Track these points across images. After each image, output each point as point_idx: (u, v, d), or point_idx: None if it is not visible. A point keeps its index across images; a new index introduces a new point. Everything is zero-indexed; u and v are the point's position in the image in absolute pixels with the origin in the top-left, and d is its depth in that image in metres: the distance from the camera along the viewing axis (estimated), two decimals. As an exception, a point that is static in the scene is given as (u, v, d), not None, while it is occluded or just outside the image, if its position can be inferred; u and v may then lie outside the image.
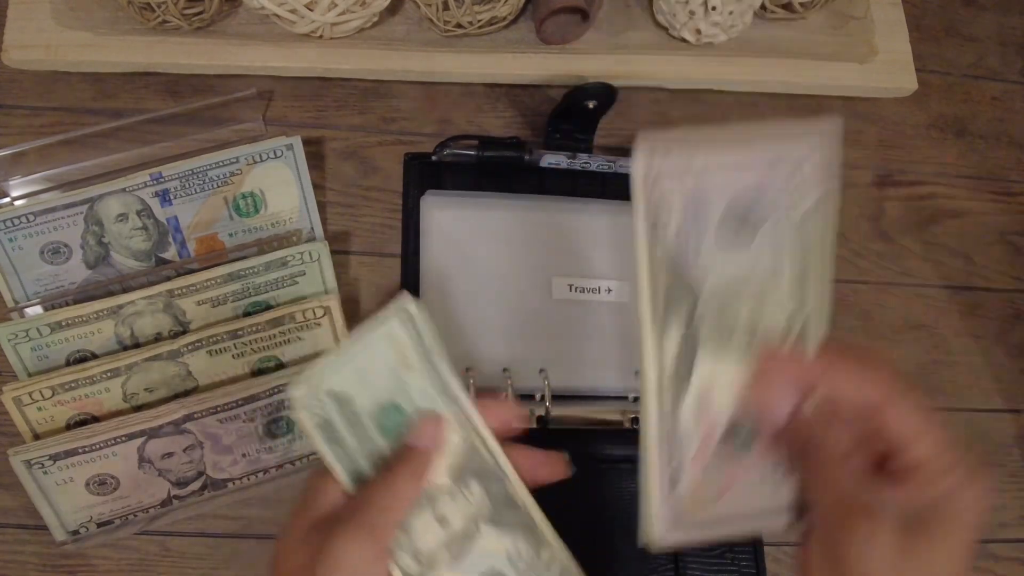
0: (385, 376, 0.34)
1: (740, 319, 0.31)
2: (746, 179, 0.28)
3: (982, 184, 0.62)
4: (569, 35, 0.57)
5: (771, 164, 0.28)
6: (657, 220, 0.28)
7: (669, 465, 0.33)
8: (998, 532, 0.54)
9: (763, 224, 0.29)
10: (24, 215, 0.46)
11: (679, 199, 0.28)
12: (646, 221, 0.28)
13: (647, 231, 0.29)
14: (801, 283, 0.30)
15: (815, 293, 0.30)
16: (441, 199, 0.52)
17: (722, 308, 0.31)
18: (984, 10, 0.67)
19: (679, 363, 0.32)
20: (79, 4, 0.54)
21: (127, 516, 0.46)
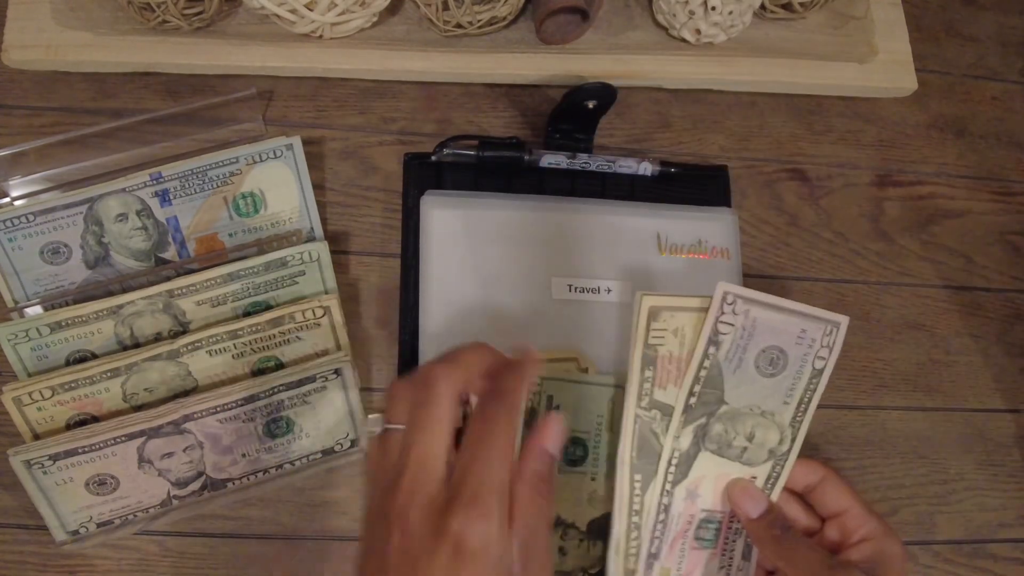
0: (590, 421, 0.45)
1: (744, 430, 0.40)
2: (778, 340, 0.39)
3: (982, 184, 0.62)
4: (569, 35, 0.57)
5: (798, 338, 0.39)
6: (716, 340, 0.38)
7: (651, 541, 0.40)
8: (998, 532, 0.54)
9: (783, 371, 0.39)
10: (24, 215, 0.46)
11: (733, 335, 0.38)
12: (707, 341, 0.38)
13: (704, 349, 0.38)
14: (795, 420, 0.41)
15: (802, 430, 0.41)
16: (441, 199, 0.52)
17: (734, 418, 0.40)
18: (984, 10, 0.67)
19: (687, 452, 0.40)
20: (79, 4, 0.54)
21: (127, 516, 0.46)
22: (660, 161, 0.55)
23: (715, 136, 0.59)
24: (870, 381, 0.56)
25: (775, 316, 0.39)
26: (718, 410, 0.40)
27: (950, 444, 0.56)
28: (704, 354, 0.39)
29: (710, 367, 0.39)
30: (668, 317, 0.38)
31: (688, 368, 0.39)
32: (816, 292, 0.57)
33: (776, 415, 0.40)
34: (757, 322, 0.39)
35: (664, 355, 0.39)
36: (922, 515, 0.54)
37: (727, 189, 0.57)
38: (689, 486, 0.40)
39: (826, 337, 0.40)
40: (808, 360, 0.39)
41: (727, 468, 0.40)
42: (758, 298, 0.39)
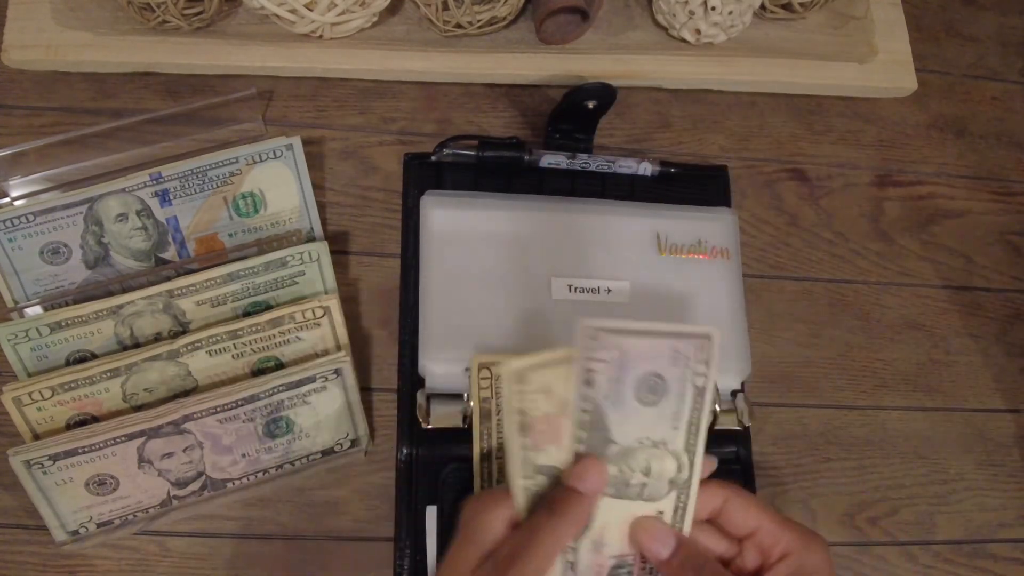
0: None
1: (639, 466, 0.38)
2: (654, 366, 0.37)
3: (982, 184, 0.62)
4: (569, 35, 0.57)
5: (672, 359, 0.37)
6: (588, 379, 0.36)
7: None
8: (998, 532, 0.54)
9: (665, 397, 0.37)
10: (24, 215, 0.46)
11: (606, 370, 0.36)
12: (581, 384, 0.36)
13: (580, 392, 0.36)
14: (688, 445, 0.38)
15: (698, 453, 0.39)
16: (441, 199, 0.52)
17: (626, 455, 0.38)
18: (984, 10, 0.67)
19: None
20: (79, 4, 0.54)
21: (127, 516, 0.46)
22: (660, 161, 0.55)
23: (715, 136, 0.59)
24: (870, 381, 0.56)
25: (644, 342, 0.37)
26: (607, 451, 0.37)
27: (950, 444, 0.56)
28: (581, 397, 0.36)
29: (589, 410, 0.37)
30: (533, 377, 0.36)
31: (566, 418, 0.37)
32: (816, 292, 0.57)
33: (668, 443, 0.38)
34: (628, 352, 0.36)
35: (537, 417, 0.36)
36: (922, 515, 0.54)
37: (727, 189, 0.57)
38: (594, 537, 0.38)
39: (700, 352, 0.37)
40: (687, 380, 0.37)
41: (631, 508, 0.38)
42: (624, 327, 0.36)
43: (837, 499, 0.53)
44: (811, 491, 0.53)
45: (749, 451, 0.52)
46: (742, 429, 0.51)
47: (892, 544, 0.53)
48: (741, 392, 0.51)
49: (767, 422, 0.54)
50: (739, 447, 0.51)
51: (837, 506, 0.53)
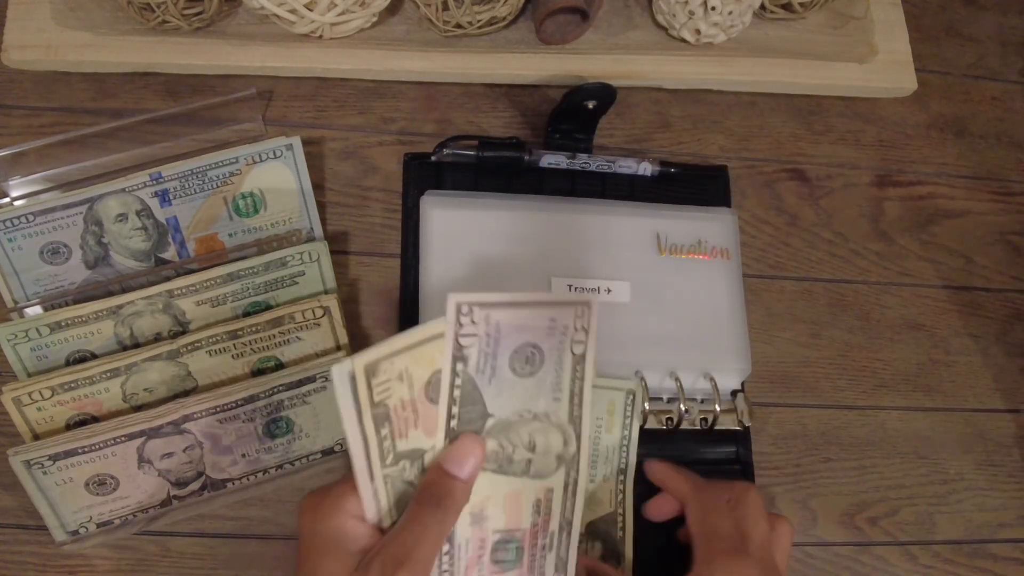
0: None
1: (521, 440, 0.37)
2: (528, 336, 0.36)
3: (982, 184, 0.62)
4: (569, 35, 0.57)
5: (548, 330, 0.36)
6: (461, 356, 0.35)
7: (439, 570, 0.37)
8: (998, 532, 0.54)
9: (542, 368, 0.36)
10: (24, 215, 0.46)
11: (478, 343, 0.35)
12: (452, 359, 0.35)
13: (451, 367, 0.35)
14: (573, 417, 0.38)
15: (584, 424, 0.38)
16: (441, 199, 0.52)
17: (506, 429, 0.37)
18: (984, 10, 0.67)
19: None
20: (79, 4, 0.54)
21: (127, 516, 0.46)
22: (660, 161, 0.55)
23: (715, 136, 0.59)
24: (870, 381, 0.56)
25: (519, 313, 0.35)
26: (485, 425, 0.36)
27: (950, 444, 0.56)
28: (453, 372, 0.35)
29: (462, 384, 0.36)
30: (388, 366, 0.34)
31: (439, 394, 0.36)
32: (816, 292, 0.57)
33: (551, 415, 0.37)
34: (501, 324, 0.35)
35: (395, 405, 0.35)
36: (922, 515, 0.54)
37: (727, 189, 0.57)
38: (472, 510, 0.37)
39: (578, 320, 0.36)
40: (565, 347, 0.36)
41: (516, 485, 0.38)
42: (496, 299, 0.35)
43: (837, 499, 0.53)
44: (811, 491, 0.53)
45: (749, 451, 0.52)
46: (742, 429, 0.51)
47: (892, 544, 0.53)
48: (741, 392, 0.52)
49: (767, 422, 0.54)
50: (739, 447, 0.51)
51: (837, 506, 0.53)
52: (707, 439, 0.50)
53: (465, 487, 0.35)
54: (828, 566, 0.52)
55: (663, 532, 0.46)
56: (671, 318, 0.51)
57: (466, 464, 0.35)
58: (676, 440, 0.49)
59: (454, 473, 0.35)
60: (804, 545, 0.52)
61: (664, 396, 0.50)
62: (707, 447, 0.50)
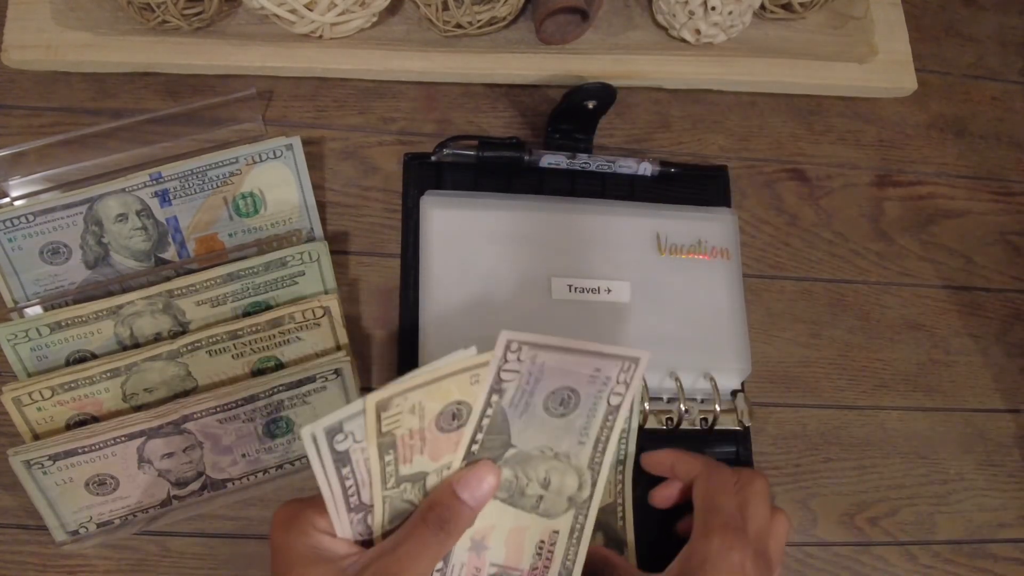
0: None
1: (537, 476, 0.37)
2: (569, 381, 0.36)
3: (982, 184, 0.62)
4: (569, 35, 0.57)
5: (590, 378, 0.36)
6: (498, 389, 0.35)
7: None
8: (998, 532, 0.54)
9: (575, 410, 0.36)
10: (24, 215, 0.46)
11: (518, 379, 0.35)
12: (489, 391, 0.35)
13: (486, 398, 0.35)
14: (593, 463, 0.38)
15: (603, 473, 0.38)
16: (441, 199, 0.52)
17: (524, 462, 0.37)
18: (984, 10, 0.67)
19: None
20: (79, 4, 0.54)
21: (127, 516, 0.46)
22: (660, 161, 0.55)
23: (715, 136, 0.59)
24: (870, 381, 0.56)
25: (565, 358, 0.35)
26: (504, 454, 0.36)
27: (950, 444, 0.56)
28: (487, 402, 0.35)
29: (493, 415, 0.36)
30: (400, 401, 0.34)
31: (468, 419, 0.36)
32: (816, 292, 0.57)
33: (572, 457, 0.37)
34: (545, 366, 0.35)
35: (403, 434, 0.35)
36: (922, 515, 0.54)
37: (727, 189, 0.57)
38: (474, 535, 0.37)
39: (623, 374, 0.36)
40: (602, 396, 0.36)
41: (523, 521, 0.37)
42: (546, 342, 0.35)
43: (837, 499, 0.53)
44: (811, 491, 0.53)
45: (749, 451, 0.52)
46: (742, 429, 0.51)
47: (892, 544, 0.53)
48: (741, 392, 0.52)
49: (767, 422, 0.54)
50: (739, 447, 0.51)
51: (837, 506, 0.53)
52: (707, 439, 0.50)
53: (472, 513, 0.35)
54: (828, 566, 0.52)
55: (661, 522, 0.47)
56: (671, 318, 0.51)
57: (478, 490, 0.35)
58: (676, 440, 0.49)
59: (463, 497, 0.35)
60: (804, 545, 0.52)
61: (664, 396, 0.50)
62: (707, 447, 0.50)
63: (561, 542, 0.38)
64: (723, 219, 0.54)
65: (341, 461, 0.34)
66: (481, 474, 0.35)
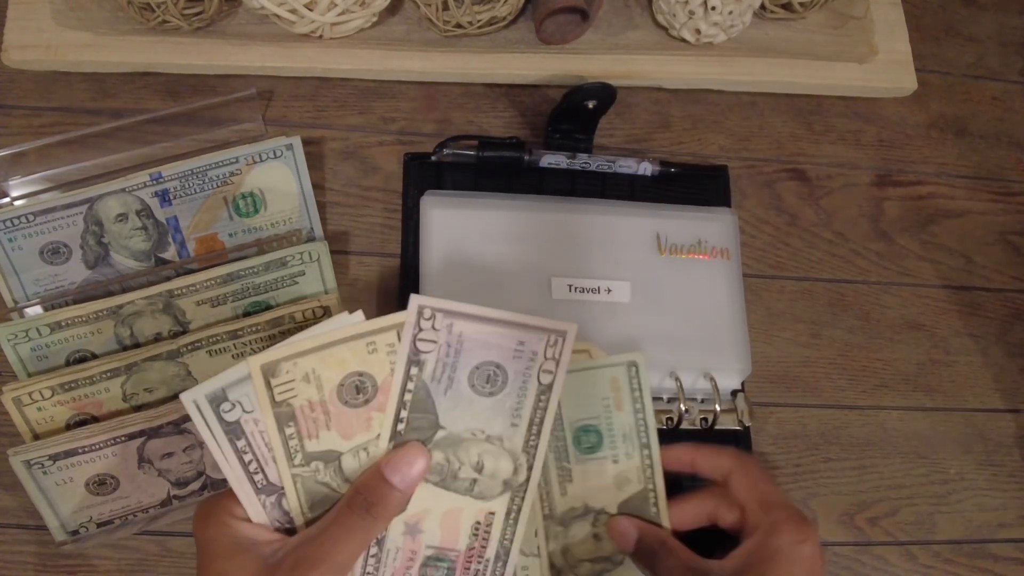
0: (598, 401, 0.39)
1: (469, 459, 0.36)
2: (493, 355, 0.35)
3: (982, 184, 0.62)
4: (569, 35, 0.57)
5: (515, 353, 0.35)
6: (417, 360, 0.33)
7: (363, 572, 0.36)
8: (998, 532, 0.54)
9: (504, 389, 0.35)
10: (24, 215, 0.46)
11: (437, 350, 0.34)
12: (407, 362, 0.33)
13: (404, 370, 0.34)
14: (528, 446, 0.36)
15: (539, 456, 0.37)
16: (441, 199, 0.52)
17: (455, 444, 0.36)
18: (984, 10, 0.67)
19: None
20: (79, 4, 0.54)
21: (127, 516, 0.46)
22: (660, 161, 0.55)
23: (715, 136, 0.59)
24: (870, 381, 0.56)
25: (485, 328, 0.34)
26: (434, 436, 0.35)
27: (950, 444, 0.56)
28: (406, 375, 0.34)
29: (415, 389, 0.35)
30: (290, 367, 0.33)
31: (387, 394, 0.35)
32: (816, 292, 0.57)
33: (505, 440, 0.36)
34: (464, 336, 0.34)
35: (301, 406, 0.34)
36: (922, 515, 0.54)
37: (727, 189, 0.57)
38: (408, 520, 0.36)
39: (550, 348, 0.35)
40: (531, 374, 0.35)
41: (457, 503, 0.36)
42: (461, 310, 0.34)
43: (837, 499, 0.53)
44: (811, 491, 0.53)
45: (749, 451, 0.52)
46: (742, 429, 0.51)
47: (892, 544, 0.53)
48: (741, 392, 0.52)
49: (767, 422, 0.54)
50: (739, 447, 0.51)
51: (837, 506, 0.53)
52: (707, 439, 0.50)
53: (401, 497, 0.34)
54: (828, 566, 0.52)
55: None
56: (671, 318, 0.51)
57: (407, 473, 0.34)
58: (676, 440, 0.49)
59: (392, 481, 0.34)
60: (804, 545, 0.52)
61: (664, 396, 0.50)
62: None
63: (498, 522, 0.37)
64: (723, 219, 0.54)
65: (233, 433, 0.33)
66: (411, 456, 0.34)
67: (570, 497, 0.40)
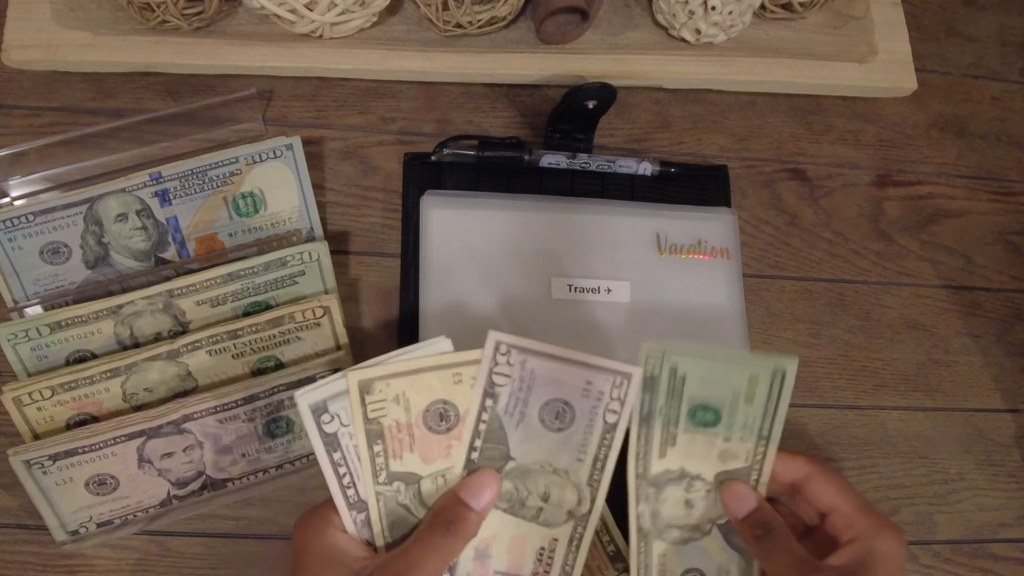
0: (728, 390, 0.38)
1: (537, 489, 0.37)
2: (562, 393, 0.36)
3: (982, 184, 0.62)
4: (569, 35, 0.57)
5: (583, 392, 0.36)
6: (492, 393, 0.36)
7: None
8: (998, 532, 0.54)
9: (571, 425, 0.36)
10: (24, 215, 0.46)
11: (511, 385, 0.36)
12: (483, 393, 0.36)
13: (480, 401, 0.36)
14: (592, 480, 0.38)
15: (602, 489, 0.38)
16: (441, 199, 0.52)
17: (524, 475, 0.37)
18: (984, 10, 0.67)
19: None
20: (79, 4, 0.54)
21: (127, 516, 0.46)
22: (660, 161, 0.55)
23: (715, 136, 0.59)
24: (870, 381, 0.56)
25: (555, 367, 0.36)
26: (505, 466, 0.37)
27: (950, 444, 0.56)
28: (481, 407, 0.36)
29: (489, 420, 0.36)
30: (383, 387, 0.35)
31: (465, 423, 0.36)
32: (816, 292, 0.57)
33: (571, 473, 0.37)
34: (536, 373, 0.36)
35: (390, 425, 0.35)
36: (922, 515, 0.54)
37: (727, 189, 0.57)
38: (478, 545, 0.38)
39: (616, 389, 0.36)
40: (598, 413, 0.36)
41: (523, 529, 0.38)
42: (534, 348, 0.36)
43: (837, 499, 0.53)
44: (811, 491, 0.53)
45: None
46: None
47: (892, 544, 0.53)
48: (741, 392, 0.52)
49: (767, 422, 0.54)
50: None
51: (837, 506, 0.53)
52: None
53: (477, 518, 0.36)
54: (828, 566, 0.52)
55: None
56: (671, 318, 0.51)
57: (482, 496, 0.36)
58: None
59: (469, 503, 0.36)
60: (804, 545, 0.52)
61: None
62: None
63: (560, 549, 0.38)
64: (723, 219, 0.54)
65: (331, 445, 0.35)
66: (484, 481, 0.36)
67: (668, 460, 0.39)
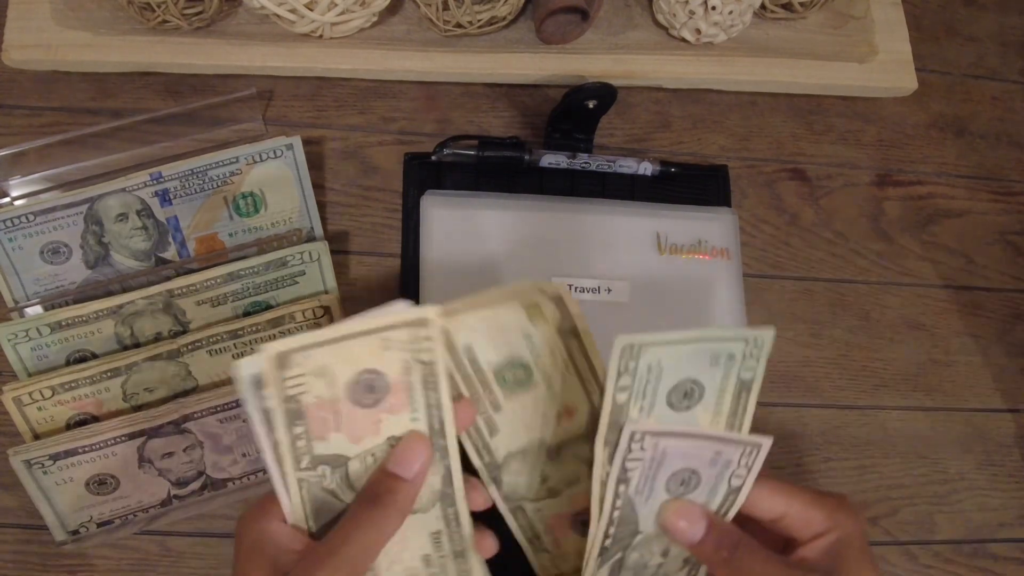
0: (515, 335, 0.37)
1: (659, 549, 0.37)
2: (692, 463, 0.35)
3: (982, 184, 0.62)
4: (569, 35, 0.57)
5: (711, 461, 0.36)
6: (624, 479, 0.35)
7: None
8: (998, 532, 0.54)
9: (695, 490, 0.36)
10: (24, 215, 0.46)
11: (642, 466, 0.35)
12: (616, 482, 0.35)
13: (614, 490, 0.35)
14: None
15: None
16: (441, 199, 0.52)
17: (649, 542, 0.37)
18: (984, 10, 0.67)
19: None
20: (79, 4, 0.54)
21: (127, 516, 0.46)
22: (660, 161, 0.55)
23: (715, 136, 0.59)
24: (870, 381, 0.56)
25: (686, 443, 0.35)
26: (633, 542, 0.36)
27: (950, 444, 0.56)
28: (615, 495, 0.34)
29: (622, 506, 0.35)
30: (302, 359, 0.31)
31: (600, 511, 0.35)
32: (816, 292, 0.57)
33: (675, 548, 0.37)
34: (667, 451, 0.35)
35: (311, 402, 0.32)
36: (922, 515, 0.54)
37: (727, 189, 0.57)
38: None
39: (745, 458, 0.35)
40: (724, 478, 0.35)
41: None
42: (668, 430, 0.34)
43: (837, 499, 0.53)
44: (811, 491, 0.53)
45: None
46: (742, 429, 0.51)
47: (892, 544, 0.53)
48: (741, 392, 0.52)
49: (767, 422, 0.54)
50: (739, 447, 0.51)
51: (837, 506, 0.53)
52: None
53: (409, 488, 0.33)
54: (828, 566, 0.52)
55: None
56: (671, 318, 0.51)
57: (412, 464, 0.33)
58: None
59: (398, 473, 0.33)
60: (804, 545, 0.52)
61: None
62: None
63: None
64: (723, 219, 0.54)
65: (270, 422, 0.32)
66: (412, 447, 0.33)
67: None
